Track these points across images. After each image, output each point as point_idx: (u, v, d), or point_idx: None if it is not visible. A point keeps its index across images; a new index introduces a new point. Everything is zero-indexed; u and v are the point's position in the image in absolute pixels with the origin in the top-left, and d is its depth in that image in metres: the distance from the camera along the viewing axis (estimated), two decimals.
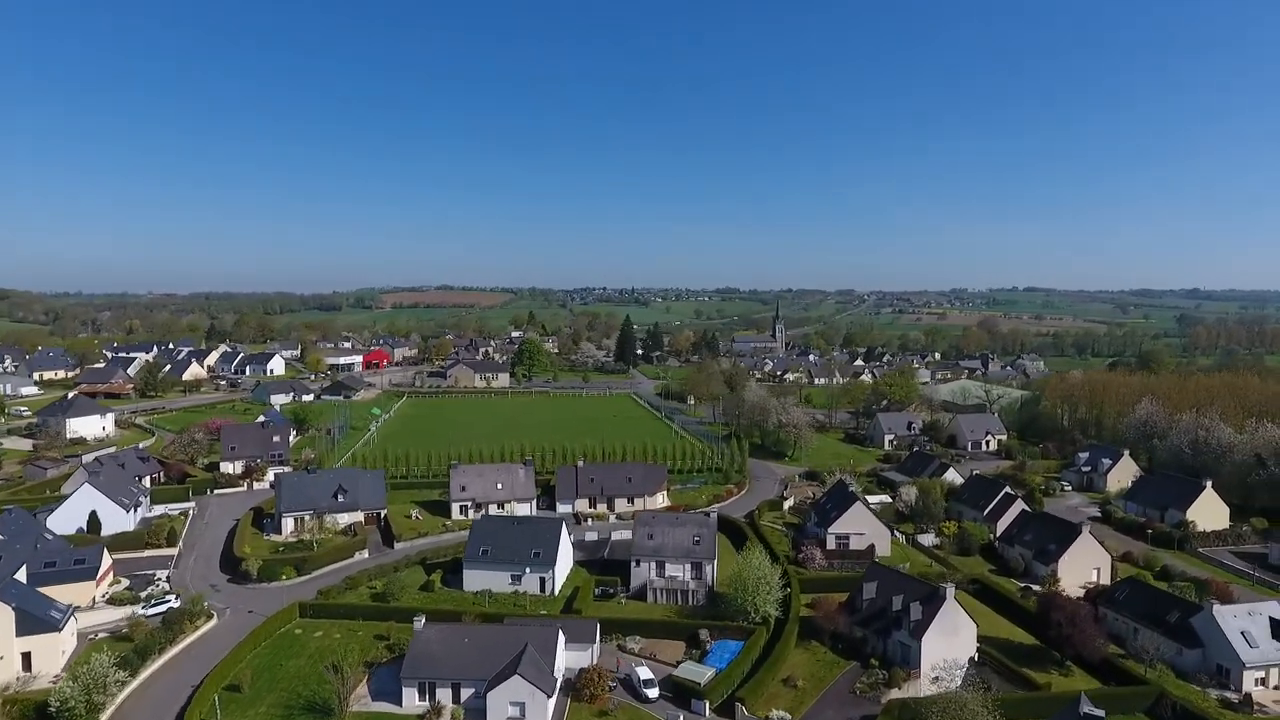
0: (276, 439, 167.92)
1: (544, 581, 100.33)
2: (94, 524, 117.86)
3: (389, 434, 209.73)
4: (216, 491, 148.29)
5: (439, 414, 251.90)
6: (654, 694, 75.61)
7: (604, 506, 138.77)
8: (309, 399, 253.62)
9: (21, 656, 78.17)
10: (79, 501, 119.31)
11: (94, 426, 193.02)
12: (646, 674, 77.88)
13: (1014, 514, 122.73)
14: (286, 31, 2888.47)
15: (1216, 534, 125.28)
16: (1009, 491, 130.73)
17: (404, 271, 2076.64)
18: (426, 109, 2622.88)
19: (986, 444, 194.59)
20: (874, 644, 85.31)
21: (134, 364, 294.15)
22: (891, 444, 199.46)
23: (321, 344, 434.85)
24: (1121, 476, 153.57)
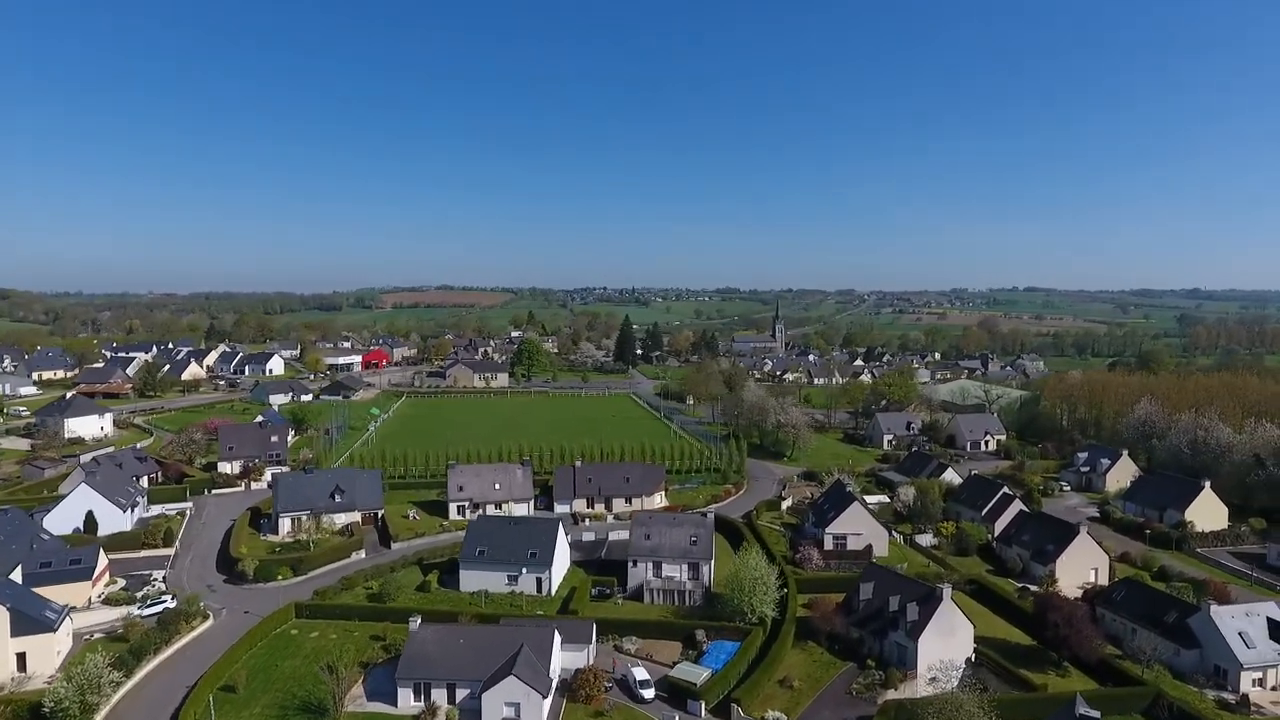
0: (274, 439, 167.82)
1: (540, 582, 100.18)
2: (91, 524, 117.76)
3: (387, 434, 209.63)
4: (214, 491, 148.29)
5: (437, 414, 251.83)
6: (650, 695, 75.56)
7: (602, 507, 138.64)
8: (308, 399, 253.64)
9: (16, 657, 78.01)
10: (76, 501, 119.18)
11: (92, 426, 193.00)
12: (642, 674, 77.84)
13: (1012, 514, 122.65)
14: (286, 31, 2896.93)
15: (1215, 534, 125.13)
16: (1007, 492, 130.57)
17: (404, 271, 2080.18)
18: (426, 109, 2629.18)
19: (985, 444, 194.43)
20: (871, 645, 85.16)
21: (133, 364, 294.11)
22: (890, 444, 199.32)
23: (321, 344, 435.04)
24: (1120, 477, 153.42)
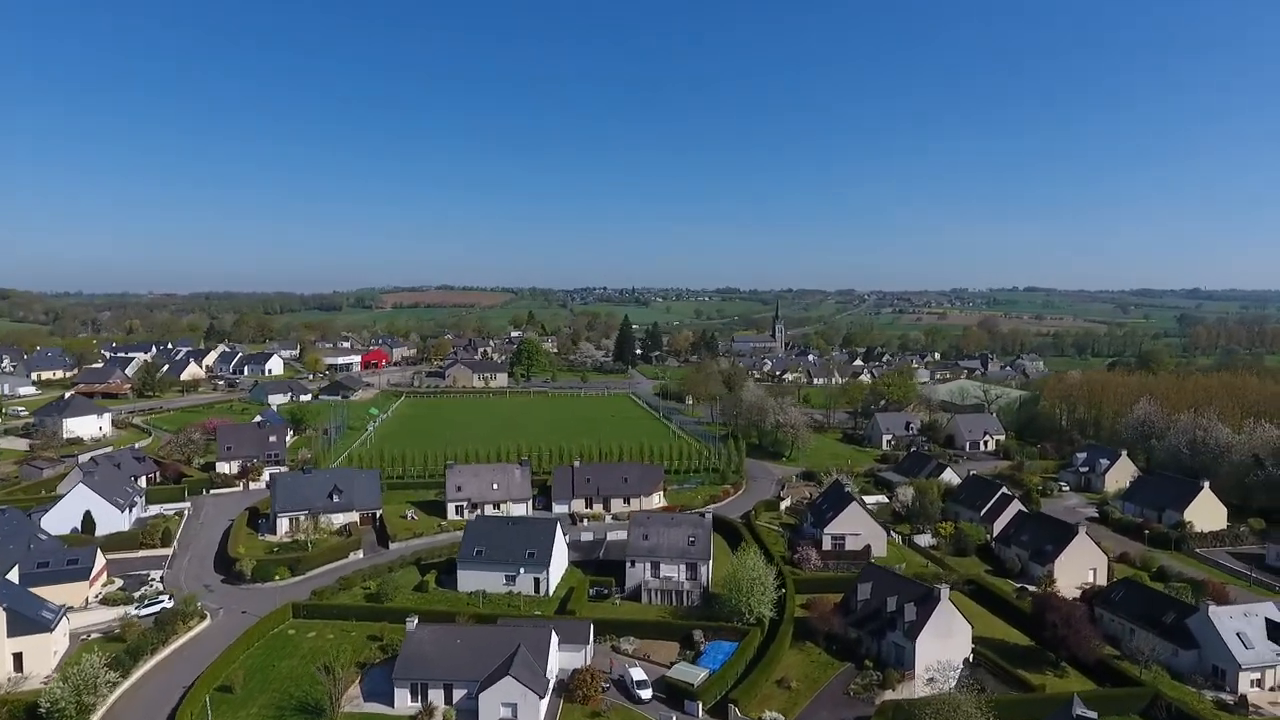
0: (273, 439, 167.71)
1: (538, 582, 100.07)
2: (88, 524, 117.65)
3: (386, 434, 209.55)
4: (212, 491, 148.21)
5: (436, 414, 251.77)
6: (647, 695, 75.48)
7: (600, 507, 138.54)
8: (307, 399, 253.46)
9: (13, 657, 77.93)
10: (73, 501, 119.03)
11: (91, 426, 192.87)
12: (640, 675, 77.75)
13: (1011, 514, 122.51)
14: (286, 31, 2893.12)
15: (1214, 535, 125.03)
16: (1006, 492, 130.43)
17: (404, 271, 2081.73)
18: (426, 109, 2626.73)
19: (984, 444, 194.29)
20: (868, 645, 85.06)
21: (132, 364, 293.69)
22: (889, 444, 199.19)
23: (320, 344, 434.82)
24: (1119, 477, 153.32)
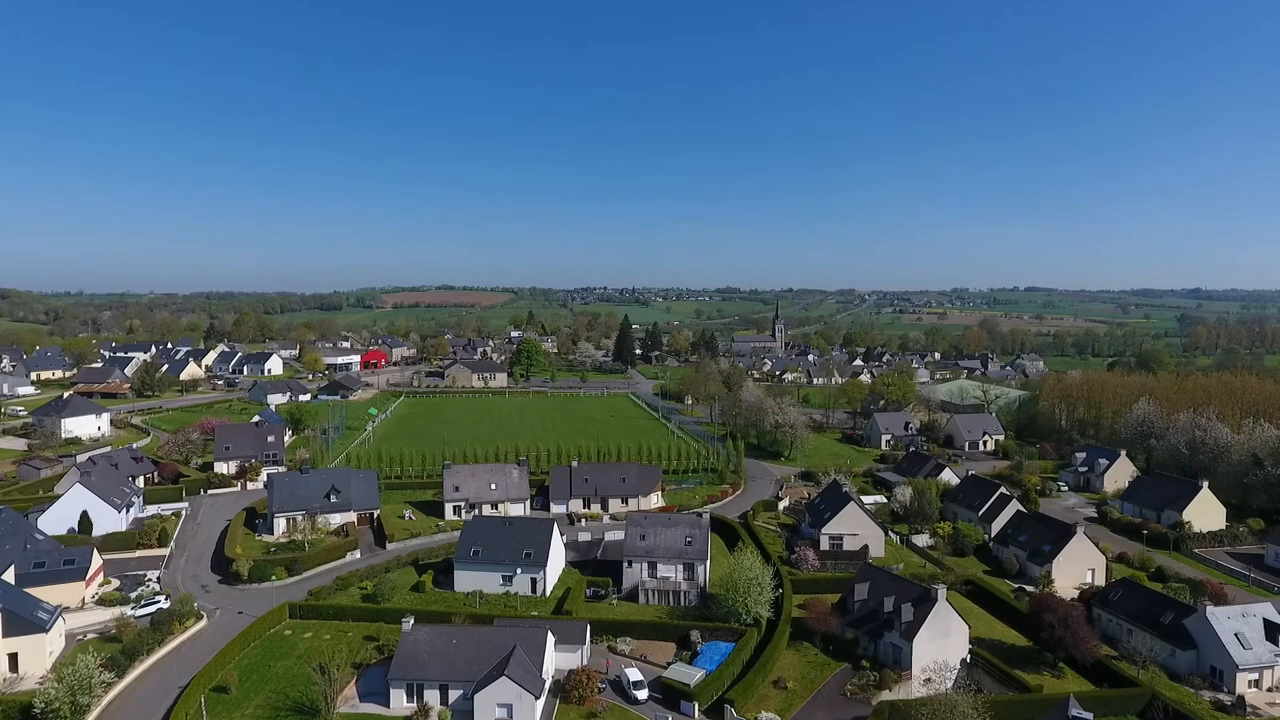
0: (271, 439, 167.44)
1: (535, 582, 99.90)
2: (85, 524, 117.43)
3: (385, 434, 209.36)
4: (210, 492, 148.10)
5: (436, 414, 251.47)
6: (643, 695, 75.31)
7: (598, 507, 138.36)
8: (306, 399, 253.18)
9: (8, 657, 77.89)
10: (70, 501, 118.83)
11: (89, 426, 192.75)
12: (636, 675, 77.57)
13: (1009, 514, 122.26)
14: (286, 31, 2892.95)
15: (1213, 535, 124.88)
16: (1004, 492, 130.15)
17: (404, 271, 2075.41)
18: (427, 109, 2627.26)
19: (984, 444, 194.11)
20: (865, 645, 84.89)
21: (131, 364, 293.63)
22: (888, 444, 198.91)
23: (320, 344, 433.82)
24: (1118, 477, 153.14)
